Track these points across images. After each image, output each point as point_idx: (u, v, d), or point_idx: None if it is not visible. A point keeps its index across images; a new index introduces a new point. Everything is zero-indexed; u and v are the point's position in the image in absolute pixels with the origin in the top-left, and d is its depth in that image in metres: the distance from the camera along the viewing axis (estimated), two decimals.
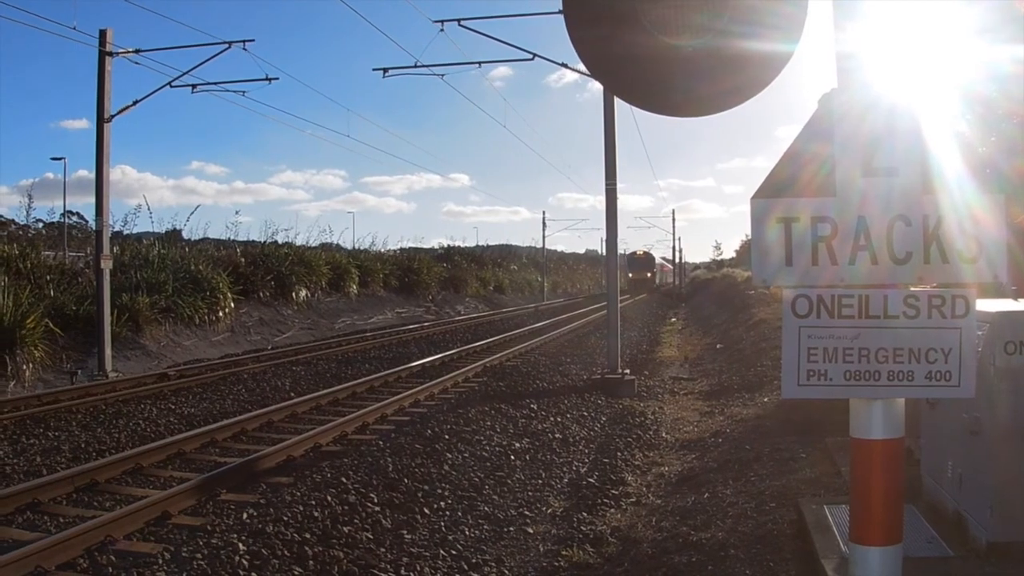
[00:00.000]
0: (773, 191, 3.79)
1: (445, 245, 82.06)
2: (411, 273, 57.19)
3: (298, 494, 9.90)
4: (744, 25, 3.75)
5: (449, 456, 11.79)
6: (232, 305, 33.33)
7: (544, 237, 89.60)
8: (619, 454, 12.27)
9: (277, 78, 25.90)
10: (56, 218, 52.31)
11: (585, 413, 15.62)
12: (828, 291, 3.72)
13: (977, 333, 4.13)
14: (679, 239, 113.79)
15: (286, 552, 8.18)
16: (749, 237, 4.47)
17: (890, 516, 3.79)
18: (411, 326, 40.89)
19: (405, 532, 8.82)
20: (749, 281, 47.32)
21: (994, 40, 7.08)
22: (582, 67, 4.24)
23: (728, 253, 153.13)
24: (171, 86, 24.71)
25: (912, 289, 3.72)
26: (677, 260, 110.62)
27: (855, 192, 3.71)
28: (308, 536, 8.59)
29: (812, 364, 3.73)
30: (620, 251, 27.48)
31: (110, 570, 7.79)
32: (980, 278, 3.72)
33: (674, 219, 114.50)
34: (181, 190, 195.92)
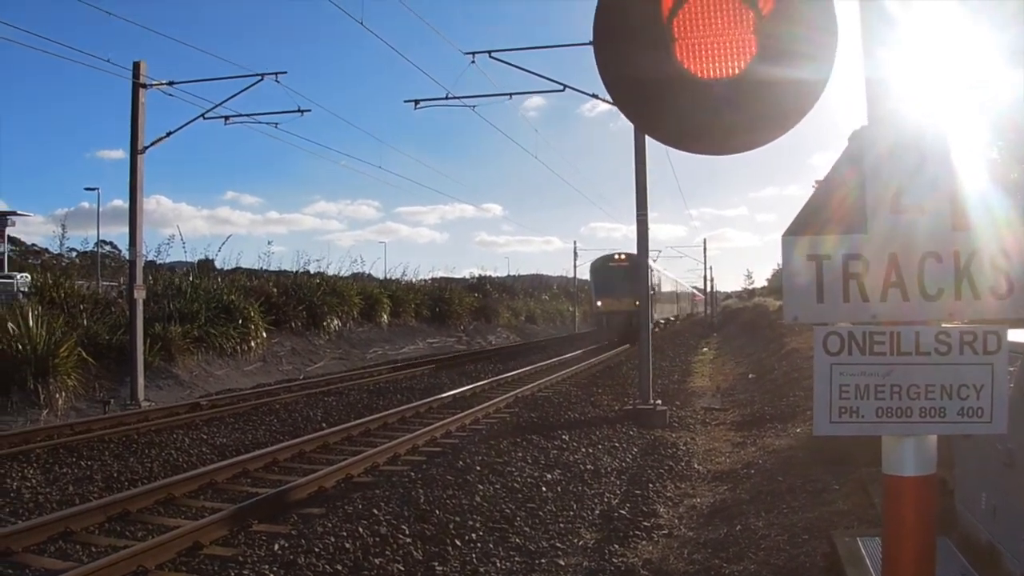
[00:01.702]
0: (804, 228, 3.80)
1: (477, 275, 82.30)
2: (443, 303, 57.34)
3: (330, 525, 9.93)
4: (777, 57, 3.76)
5: (480, 487, 11.78)
6: (264, 335, 33.46)
7: (575, 267, 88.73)
8: (651, 485, 12.23)
9: (309, 110, 26.12)
10: (90, 247, 52.90)
11: (617, 444, 15.57)
12: (859, 328, 3.72)
13: (1009, 369, 4.11)
14: (710, 268, 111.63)
15: None
16: (781, 266, 4.47)
17: (923, 553, 3.77)
18: (443, 356, 40.94)
19: (436, 564, 8.82)
20: (781, 311, 47.21)
21: None
22: (610, 98, 4.24)
23: (760, 282, 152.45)
24: (204, 118, 24.97)
25: (944, 325, 3.72)
26: (709, 289, 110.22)
27: (886, 228, 3.70)
28: (339, 568, 8.61)
29: (844, 401, 3.72)
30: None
31: None
32: (1012, 314, 3.71)
33: (705, 248, 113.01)
34: (215, 220, 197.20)
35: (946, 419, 3.70)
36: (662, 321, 60.76)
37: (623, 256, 53.11)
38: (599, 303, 54.02)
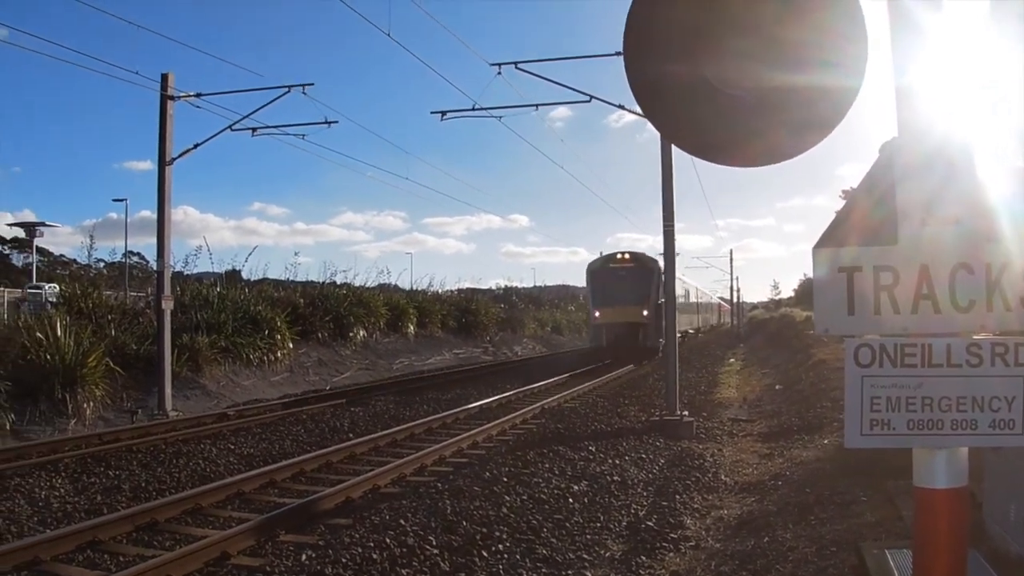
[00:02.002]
0: (835, 240, 3.79)
1: (503, 286, 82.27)
2: (469, 314, 57.29)
3: (357, 536, 9.95)
4: (806, 69, 3.76)
5: (507, 498, 11.77)
6: (291, 345, 33.49)
7: None
8: (678, 497, 12.20)
9: (336, 121, 26.21)
10: (118, 258, 53.13)
11: (643, 455, 15.53)
12: (891, 340, 3.71)
13: None
14: (737, 278, 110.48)
15: None
16: (807, 276, 4.47)
17: (954, 566, 3.75)
18: (468, 367, 40.95)
19: (463, 575, 8.82)
20: (808, 321, 46.96)
21: None
22: (639, 109, 4.24)
23: (786, 292, 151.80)
24: (232, 129, 25.07)
25: (975, 337, 3.70)
26: (735, 300, 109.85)
27: (917, 240, 3.70)
28: None
29: (875, 413, 3.71)
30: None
31: None
32: None
33: (732, 259, 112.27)
34: (242, 231, 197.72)
35: (977, 431, 3.69)
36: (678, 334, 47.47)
37: (627, 256, 43.38)
38: (597, 313, 43.25)
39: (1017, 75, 4.72)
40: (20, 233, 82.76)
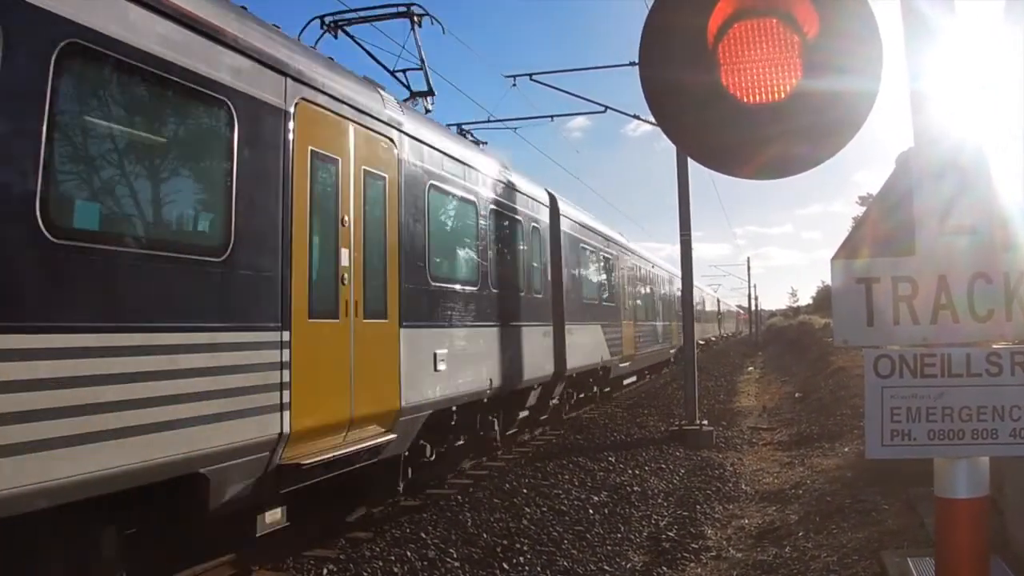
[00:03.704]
0: (853, 251, 3.80)
1: None
2: None
3: (377, 549, 9.95)
4: (822, 81, 3.77)
5: (527, 510, 11.76)
6: None
7: None
8: (698, 507, 12.17)
9: None
10: None
11: (663, 465, 15.49)
12: (910, 350, 3.71)
13: None
14: (754, 286, 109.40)
15: None
16: (825, 283, 4.48)
17: (976, 575, 3.75)
18: None
19: None
20: (826, 329, 46.78)
21: None
22: (655, 120, 4.25)
23: (804, 300, 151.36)
24: None
25: (994, 347, 3.70)
26: (753, 308, 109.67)
27: (935, 251, 3.70)
28: None
29: (896, 424, 3.71)
30: None
31: None
32: None
33: (749, 267, 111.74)
34: None
35: (998, 440, 3.69)
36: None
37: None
38: None
39: None
40: None
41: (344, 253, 9.83)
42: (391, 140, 11.14)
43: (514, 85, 24.48)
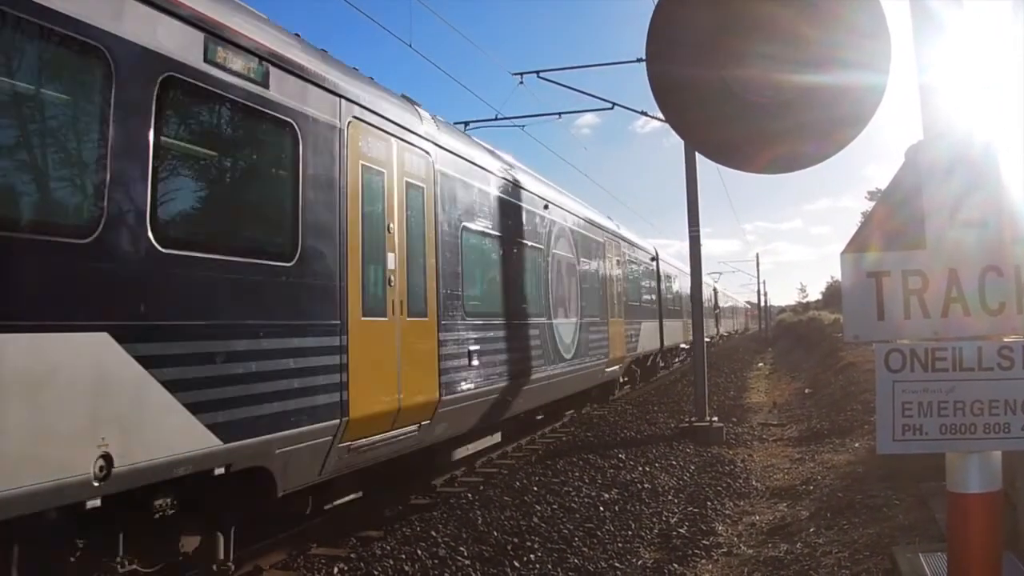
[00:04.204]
0: (863, 245, 3.78)
1: None
2: None
3: (388, 548, 9.94)
4: (830, 70, 3.75)
5: (538, 508, 11.76)
6: None
7: None
8: (709, 503, 12.14)
9: None
10: None
11: (674, 462, 15.46)
12: (921, 345, 3.69)
13: None
14: (764, 282, 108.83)
15: None
16: (834, 279, 4.46)
17: (989, 570, 3.73)
18: None
19: None
20: (836, 324, 46.69)
21: None
22: (662, 115, 4.24)
23: (814, 295, 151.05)
24: None
25: (1006, 340, 3.68)
26: (762, 303, 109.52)
27: (945, 244, 3.68)
28: None
29: (907, 419, 3.69)
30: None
31: None
32: None
33: (758, 263, 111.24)
34: None
35: (1010, 435, 3.67)
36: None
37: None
38: None
39: None
40: None
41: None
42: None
43: (521, 83, 24.52)
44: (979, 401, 3.66)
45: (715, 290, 56.22)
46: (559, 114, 27.25)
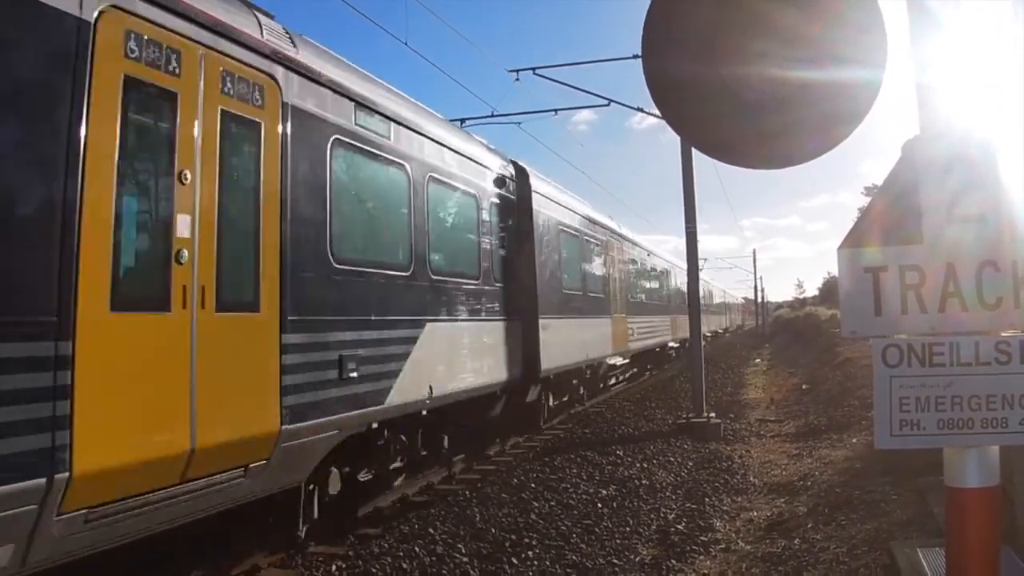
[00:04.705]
0: (859, 240, 3.78)
1: None
2: None
3: (386, 545, 9.96)
4: (826, 66, 3.75)
5: (536, 505, 11.76)
6: None
7: None
8: (707, 499, 12.14)
9: None
10: None
11: (671, 458, 15.47)
12: (918, 340, 3.69)
13: None
14: (761, 278, 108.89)
15: None
16: (832, 274, 4.45)
17: (987, 565, 3.73)
18: None
19: None
20: (833, 319, 46.69)
21: None
22: (659, 112, 4.23)
23: (811, 291, 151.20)
24: None
25: (1003, 335, 3.68)
26: (759, 300, 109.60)
27: (942, 238, 3.68)
28: None
29: (904, 414, 3.69)
30: None
31: None
32: None
33: (755, 259, 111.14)
34: None
35: (1008, 429, 3.67)
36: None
37: None
38: None
39: None
40: None
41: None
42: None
43: (517, 79, 24.43)
44: (976, 396, 3.66)
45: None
46: (555, 111, 27.22)
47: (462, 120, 25.89)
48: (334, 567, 9.31)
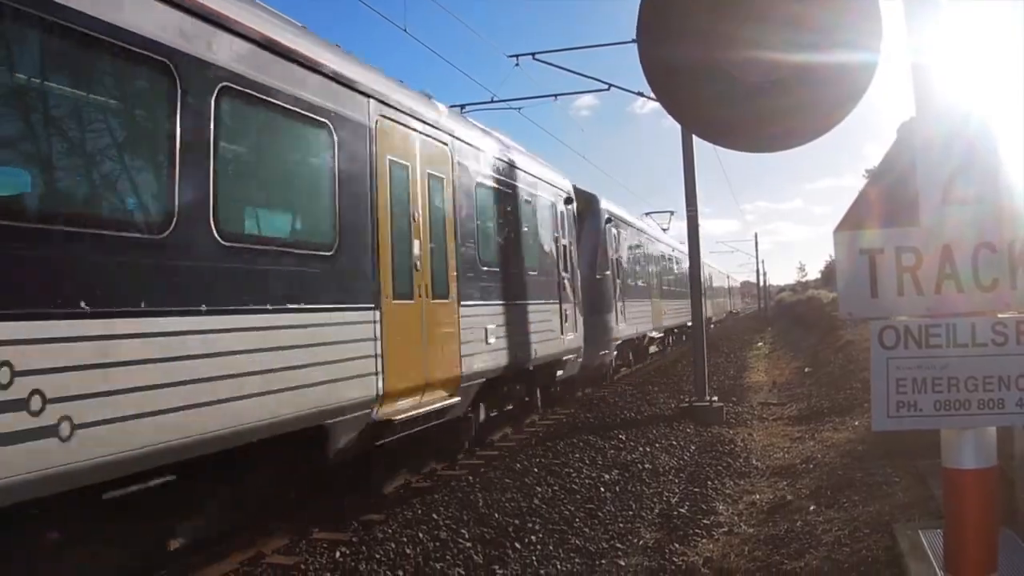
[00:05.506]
0: (856, 222, 3.79)
1: None
2: None
3: (389, 531, 9.97)
4: (821, 49, 3.75)
5: (539, 489, 11.78)
6: None
7: None
8: (710, 483, 12.16)
9: None
10: None
11: (674, 442, 15.49)
12: (915, 321, 3.70)
13: None
14: (763, 262, 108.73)
15: None
16: (833, 258, 4.48)
17: (985, 547, 3.75)
18: None
19: (497, 567, 8.82)
20: (835, 303, 46.56)
21: None
22: (656, 98, 4.24)
23: (813, 274, 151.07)
24: None
25: (1000, 316, 3.69)
26: (761, 283, 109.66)
27: (938, 220, 3.69)
28: (401, 573, 8.66)
29: (901, 395, 3.70)
30: None
31: None
32: None
33: (757, 242, 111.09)
34: None
35: (1005, 410, 3.68)
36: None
37: None
38: None
39: None
40: None
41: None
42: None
43: (517, 65, 24.39)
44: (973, 377, 3.67)
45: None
46: (555, 96, 27.20)
47: (462, 106, 25.82)
48: (338, 553, 9.32)
